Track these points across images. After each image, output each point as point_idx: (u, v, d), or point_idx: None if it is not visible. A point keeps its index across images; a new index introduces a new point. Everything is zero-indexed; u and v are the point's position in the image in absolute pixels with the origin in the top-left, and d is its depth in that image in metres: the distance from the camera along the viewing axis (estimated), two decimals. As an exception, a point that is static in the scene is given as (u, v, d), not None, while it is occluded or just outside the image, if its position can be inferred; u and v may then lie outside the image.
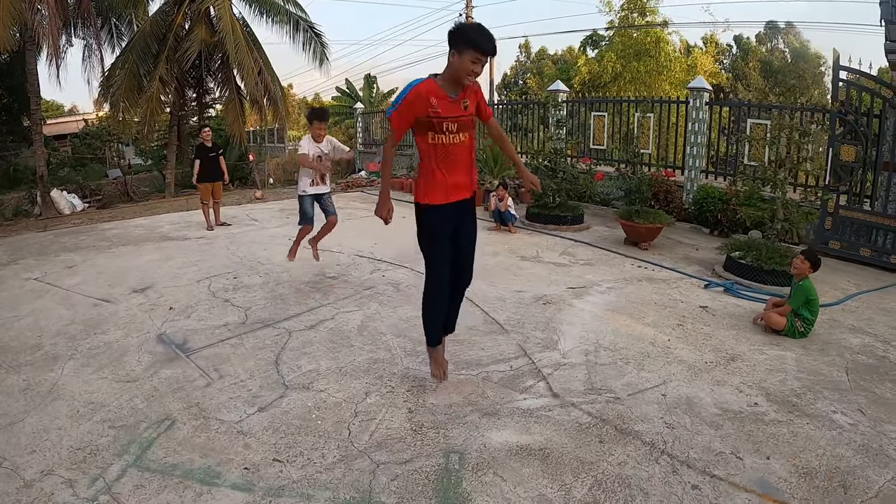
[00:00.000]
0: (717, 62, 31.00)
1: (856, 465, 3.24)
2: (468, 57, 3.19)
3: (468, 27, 3.35)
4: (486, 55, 3.23)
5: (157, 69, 16.42)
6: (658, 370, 4.38)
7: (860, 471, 3.19)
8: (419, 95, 3.29)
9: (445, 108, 3.35)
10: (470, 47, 3.18)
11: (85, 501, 2.78)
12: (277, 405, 3.67)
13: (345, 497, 2.79)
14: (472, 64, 3.21)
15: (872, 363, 4.75)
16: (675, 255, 8.19)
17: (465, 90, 3.43)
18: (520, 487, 2.91)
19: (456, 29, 3.29)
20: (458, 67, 3.24)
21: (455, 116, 3.40)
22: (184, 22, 17.32)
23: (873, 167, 8.88)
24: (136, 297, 5.89)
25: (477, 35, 3.22)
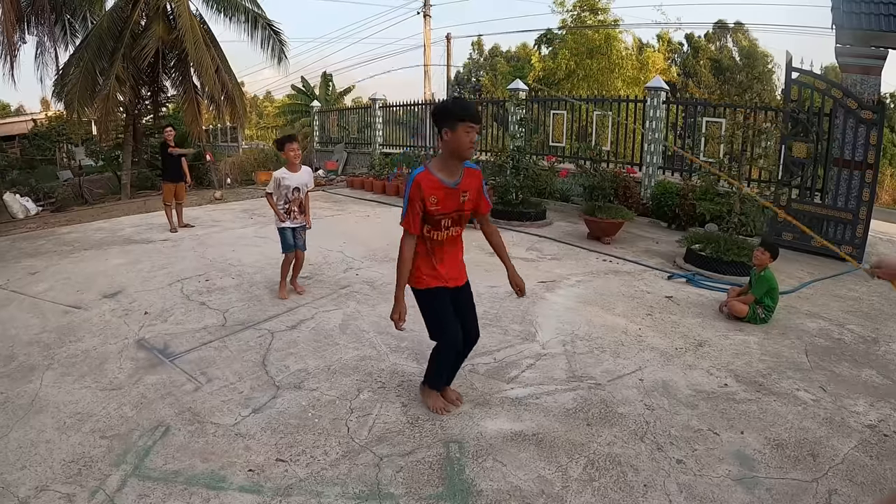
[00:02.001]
0: (668, 60, 31.74)
1: (821, 435, 3.56)
2: (462, 130, 3.19)
3: (450, 104, 3.30)
4: (477, 123, 3.25)
5: (114, 67, 15.95)
6: (633, 357, 4.63)
7: (826, 441, 3.50)
8: (419, 190, 3.24)
9: (445, 202, 3.32)
10: (460, 120, 3.18)
11: None
12: (272, 406, 3.71)
13: (354, 491, 2.87)
14: (468, 134, 3.20)
15: (829, 345, 5.12)
16: (636, 249, 8.49)
17: (465, 177, 3.39)
18: (520, 471, 3.06)
19: (439, 109, 3.29)
20: (457, 143, 3.21)
21: (453, 211, 3.37)
22: (140, 19, 16.87)
23: (824, 163, 9.35)
24: (108, 303, 5.78)
25: (462, 108, 3.23)
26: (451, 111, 3.23)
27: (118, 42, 16.30)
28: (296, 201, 5.98)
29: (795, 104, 9.43)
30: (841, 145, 9.03)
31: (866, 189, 8.90)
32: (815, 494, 2.98)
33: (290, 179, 5.90)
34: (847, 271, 8.06)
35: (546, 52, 27.33)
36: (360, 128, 19.38)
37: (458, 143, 3.21)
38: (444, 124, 3.22)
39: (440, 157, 3.37)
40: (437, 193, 3.27)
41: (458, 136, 3.20)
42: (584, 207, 9.29)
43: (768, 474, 3.14)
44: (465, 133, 3.19)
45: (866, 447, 3.45)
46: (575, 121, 13.02)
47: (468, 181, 3.41)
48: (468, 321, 3.63)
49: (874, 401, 4.07)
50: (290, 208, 5.98)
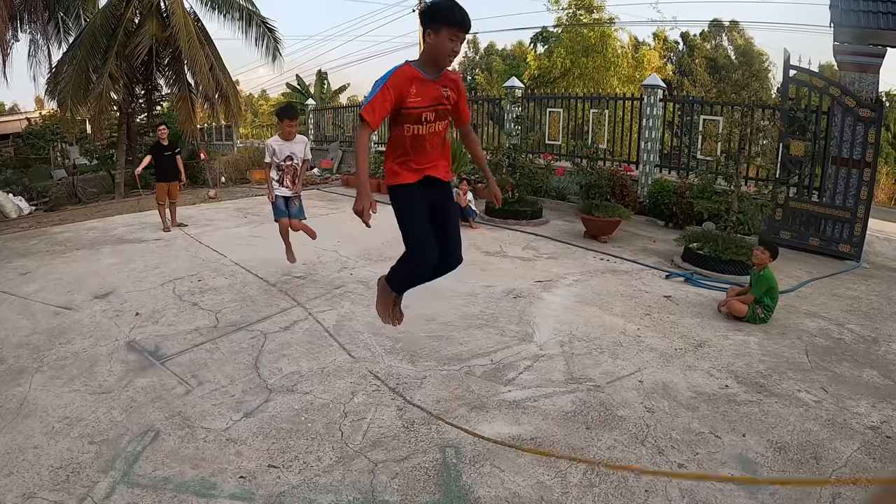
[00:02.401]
0: (664, 58, 31.71)
1: (824, 437, 3.50)
2: (445, 35, 2.97)
3: (442, 4, 3.02)
4: (463, 31, 3.01)
5: (107, 65, 15.77)
6: (632, 358, 4.56)
7: (829, 443, 3.44)
8: (400, 78, 3.01)
9: (426, 94, 3.08)
10: (446, 25, 2.96)
11: None
12: (264, 410, 3.63)
13: (348, 499, 2.79)
14: (451, 42, 2.99)
15: (829, 345, 5.06)
16: (634, 248, 8.43)
17: (444, 77, 3.18)
18: (518, 476, 2.99)
19: (429, 7, 3.08)
20: (437, 47, 3.00)
21: (434, 104, 3.13)
22: (134, 16, 16.71)
23: (822, 161, 9.31)
24: (99, 304, 5.69)
25: (452, 11, 2.98)
26: (441, 12, 2.99)
27: (112, 40, 16.13)
28: (289, 169, 6.02)
29: (793, 102, 9.39)
30: (839, 143, 9.00)
31: (864, 187, 8.87)
32: (818, 499, 2.91)
33: (282, 147, 6.00)
34: (846, 269, 8.02)
35: (542, 51, 27.25)
36: (355, 126, 19.21)
37: (439, 48, 3.01)
38: (430, 25, 3.00)
39: (420, 59, 3.16)
40: (417, 86, 3.05)
41: (440, 41, 2.98)
42: (580, 206, 9.23)
43: (771, 477, 3.07)
44: (450, 40, 2.98)
45: (869, 449, 3.39)
46: (571, 119, 12.95)
47: (447, 80, 3.19)
48: (449, 240, 3.36)
49: (876, 402, 4.01)
50: (282, 177, 6.04)
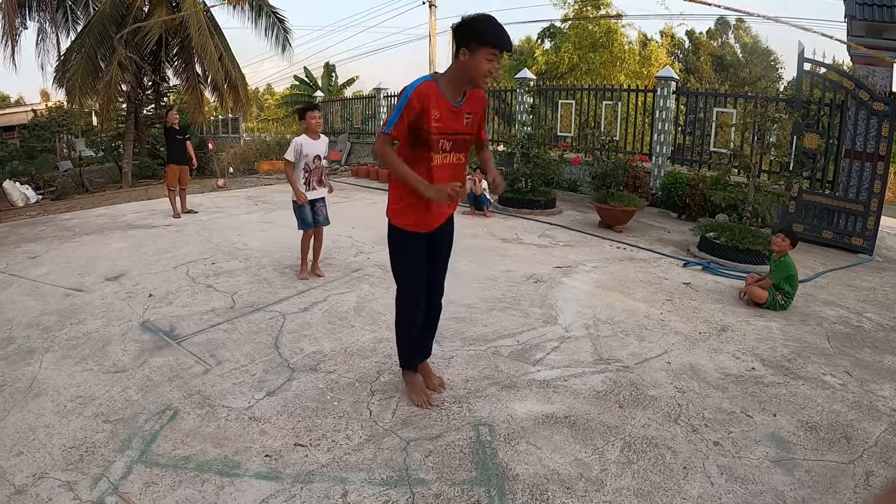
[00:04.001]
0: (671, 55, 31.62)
1: (852, 418, 3.47)
2: (483, 56, 2.78)
3: (479, 21, 2.83)
4: (503, 51, 2.84)
5: (116, 54, 15.62)
6: (657, 341, 4.50)
7: (857, 423, 3.41)
8: (422, 98, 2.84)
9: (446, 121, 2.93)
10: (484, 45, 2.77)
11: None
12: (287, 388, 3.53)
13: (381, 477, 2.70)
14: (489, 63, 2.80)
15: (849, 332, 5.04)
16: (649, 237, 8.37)
17: (469, 99, 3.01)
18: (555, 454, 2.91)
19: (465, 24, 2.84)
20: (473, 68, 2.81)
21: (453, 133, 2.99)
22: (143, 4, 16.59)
23: (835, 154, 9.24)
24: (111, 286, 5.59)
25: (491, 30, 2.79)
26: (478, 30, 2.79)
27: (120, 28, 15.99)
28: (317, 170, 5.76)
29: (807, 95, 9.31)
30: (853, 137, 8.95)
31: (878, 181, 8.80)
32: (853, 476, 2.89)
33: (310, 146, 5.67)
34: (859, 262, 7.97)
35: (549, 46, 27.11)
36: (364, 118, 19.26)
37: (475, 68, 2.81)
38: (467, 42, 2.80)
39: (448, 75, 2.95)
40: (440, 109, 2.89)
41: (476, 61, 2.79)
42: (595, 195, 9.17)
43: (805, 456, 3.04)
44: (487, 60, 2.79)
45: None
46: (582, 112, 12.87)
47: (472, 103, 3.03)
48: (435, 276, 3.31)
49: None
50: (309, 178, 5.74)
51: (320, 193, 5.83)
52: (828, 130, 9.21)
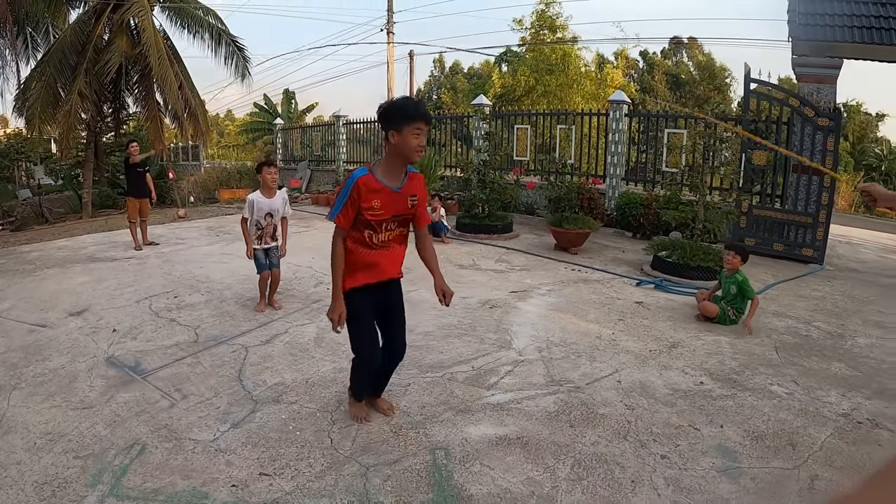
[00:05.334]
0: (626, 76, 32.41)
1: (798, 426, 3.69)
2: (410, 132, 2.99)
3: (399, 104, 3.08)
4: (426, 124, 3.04)
5: (76, 82, 15.60)
6: (609, 360, 4.69)
7: (803, 430, 3.63)
8: (360, 193, 3.06)
9: (388, 205, 3.12)
10: (409, 121, 2.98)
11: None
12: (251, 420, 3.63)
13: (343, 502, 2.82)
14: (416, 137, 3.01)
15: (798, 342, 5.31)
16: (604, 258, 8.63)
17: (409, 181, 3.21)
18: (508, 473, 3.06)
19: (387, 111, 3.07)
20: (403, 145, 3.02)
21: (397, 215, 3.19)
22: (103, 33, 16.59)
23: (783, 169, 9.67)
24: (75, 321, 5.61)
25: (411, 108, 3.03)
26: (401, 110, 3.03)
27: (81, 56, 15.99)
28: (269, 227, 5.85)
29: (754, 114, 9.74)
30: (799, 151, 9.35)
31: (825, 193, 9.22)
32: (797, 480, 3.08)
33: (263, 203, 5.77)
34: (810, 272, 8.33)
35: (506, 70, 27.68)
36: (324, 145, 19.35)
37: (405, 146, 3.02)
38: (391, 125, 3.03)
39: (383, 162, 3.16)
40: (380, 198, 3.10)
41: (405, 138, 3.00)
42: (550, 219, 9.41)
43: (751, 464, 3.23)
44: (414, 136, 3.01)
45: (842, 434, 3.59)
46: (538, 135, 13.20)
47: (413, 184, 3.24)
48: (393, 330, 3.49)
49: (845, 391, 4.24)
50: (262, 235, 5.84)
51: (272, 245, 5.94)
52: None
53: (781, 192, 9.80)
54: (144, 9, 16.04)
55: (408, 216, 3.28)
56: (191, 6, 18.14)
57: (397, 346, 3.52)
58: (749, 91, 9.85)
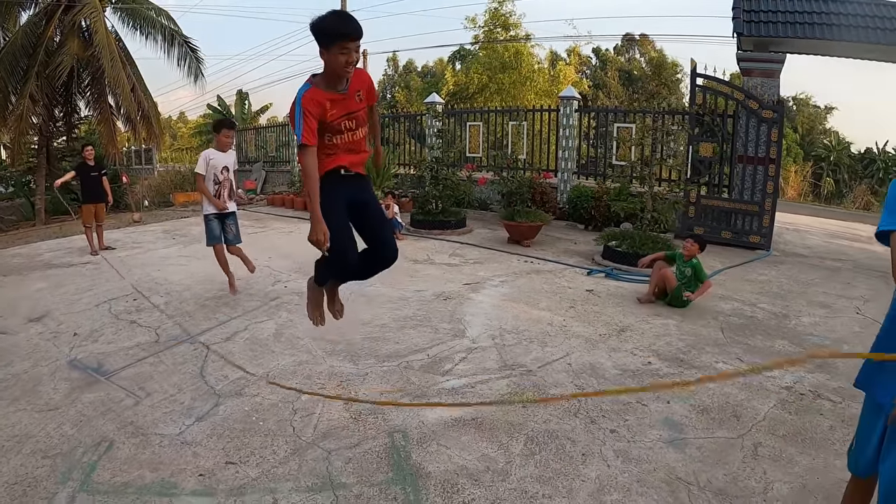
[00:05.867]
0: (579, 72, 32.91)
1: (743, 399, 3.96)
2: (336, 51, 2.92)
3: (324, 19, 2.95)
4: (353, 40, 2.93)
5: (27, 86, 15.26)
6: (560, 345, 4.93)
7: (747, 402, 3.91)
8: (311, 102, 3.01)
9: (340, 107, 3.11)
10: (336, 40, 2.91)
11: None
12: (215, 413, 3.74)
13: (307, 484, 2.97)
14: (344, 55, 2.93)
15: (743, 322, 5.63)
16: (556, 250, 8.91)
17: (354, 81, 3.15)
18: (464, 451, 3.25)
19: (313, 27, 2.96)
20: (332, 64, 2.98)
21: (351, 112, 3.17)
22: (54, 35, 16.23)
23: (729, 161, 10.10)
24: (35, 327, 5.60)
25: (337, 23, 2.94)
26: (325, 28, 2.93)
27: (32, 59, 15.63)
28: (225, 182, 5.99)
29: (701, 107, 10.14)
30: (744, 143, 9.78)
31: (770, 182, 9.67)
32: (742, 448, 3.34)
33: (218, 158, 5.98)
34: (757, 258, 8.74)
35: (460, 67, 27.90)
36: (278, 146, 19.25)
37: (334, 64, 2.97)
38: (320, 42, 2.96)
39: (322, 75, 3.11)
40: (329, 102, 3.06)
41: (333, 57, 2.94)
42: (503, 213, 9.66)
43: (697, 435, 3.48)
44: (342, 53, 2.93)
45: (785, 405, 3.88)
46: (490, 132, 13.44)
47: (357, 82, 3.18)
48: (378, 231, 3.43)
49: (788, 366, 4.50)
50: (219, 191, 5.99)
51: (231, 207, 6.06)
52: (722, 139, 10.04)
53: (728, 183, 10.22)
54: (96, 10, 15.77)
55: (360, 111, 3.24)
56: (143, 7, 17.86)
57: (388, 251, 3.42)
58: (696, 86, 10.25)
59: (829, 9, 9.77)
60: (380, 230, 3.44)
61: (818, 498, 2.87)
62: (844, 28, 9.55)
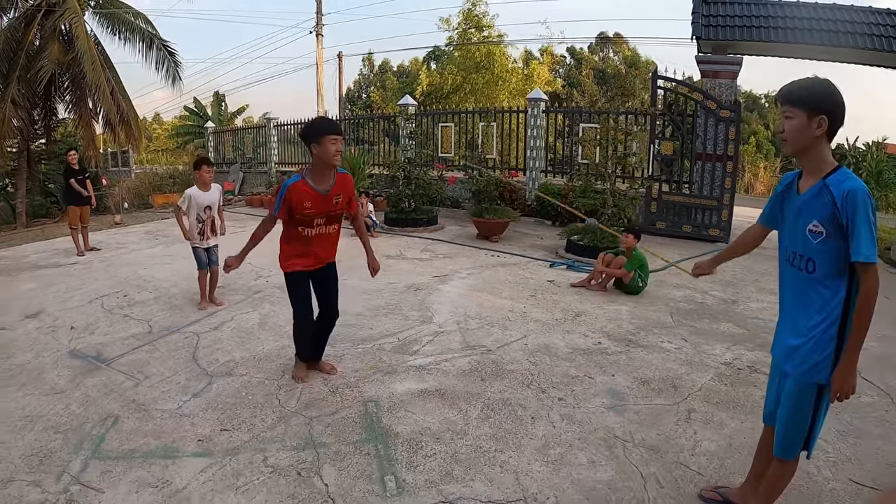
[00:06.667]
0: (552, 72, 33.48)
1: (682, 373, 4.50)
2: (327, 142, 3.73)
3: (315, 122, 4.01)
4: (339, 135, 3.79)
5: (9, 90, 15.50)
6: (518, 328, 5.46)
7: (686, 375, 4.45)
8: (293, 197, 3.81)
9: (318, 206, 3.86)
10: (324, 134, 3.73)
11: (57, 494, 3.01)
12: (208, 391, 4.19)
13: (292, 444, 3.44)
14: (333, 145, 3.75)
15: (692, 308, 6.20)
16: (523, 244, 9.49)
17: (336, 183, 3.93)
18: (428, 416, 3.76)
19: (306, 129, 3.86)
20: (324, 155, 3.75)
21: (325, 212, 3.93)
22: (34, 39, 16.44)
23: (690, 158, 10.73)
24: (32, 322, 5.93)
25: (325, 123, 3.92)
26: (317, 127, 3.84)
27: (13, 63, 15.84)
28: (209, 220, 6.28)
29: (662, 108, 10.76)
30: (703, 141, 10.41)
31: (728, 178, 10.32)
32: (676, 413, 3.86)
33: (201, 197, 6.22)
34: (714, 250, 9.29)
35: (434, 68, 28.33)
36: (255, 147, 19.56)
37: (325, 154, 3.76)
38: (314, 139, 3.76)
39: (312, 169, 3.91)
40: (310, 199, 3.83)
41: (324, 148, 3.74)
42: (472, 210, 10.20)
43: (636, 402, 4.01)
44: (331, 144, 3.74)
45: (721, 378, 4.42)
46: (462, 132, 13.95)
47: (340, 186, 3.96)
48: (328, 300, 4.26)
49: (730, 345, 5.11)
50: (203, 228, 6.26)
51: (213, 242, 6.37)
52: (682, 138, 10.66)
53: (689, 179, 10.83)
54: (77, 14, 16.00)
55: (336, 213, 4.02)
56: (122, 11, 18.08)
57: (331, 312, 4.30)
58: (657, 87, 10.87)
59: (782, 13, 10.44)
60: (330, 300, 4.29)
61: (742, 453, 3.33)
62: (798, 31, 10.20)
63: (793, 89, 2.32)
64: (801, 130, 2.29)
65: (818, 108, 2.24)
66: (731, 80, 10.75)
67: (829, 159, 2.33)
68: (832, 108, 2.24)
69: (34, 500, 2.96)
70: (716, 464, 3.29)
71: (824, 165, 2.33)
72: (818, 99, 2.25)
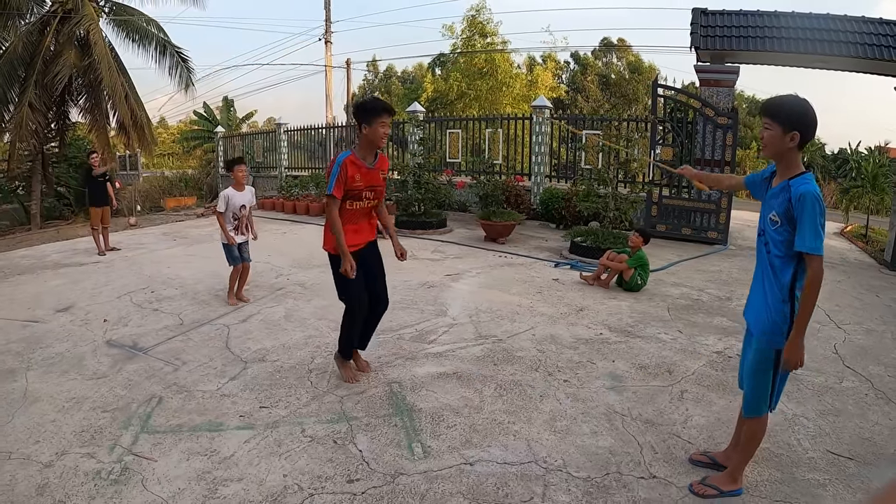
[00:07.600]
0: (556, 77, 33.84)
1: (677, 360, 4.89)
2: (378, 123, 3.89)
3: (368, 101, 4.04)
4: (390, 116, 3.96)
5: (26, 94, 15.81)
6: (527, 321, 5.85)
7: (681, 362, 4.83)
8: (347, 170, 3.92)
9: (366, 178, 4.03)
10: (377, 115, 3.89)
11: (112, 464, 3.29)
12: (244, 374, 4.56)
13: (327, 418, 3.82)
14: (384, 127, 3.93)
15: (688, 304, 6.59)
16: (528, 246, 9.87)
17: (380, 160, 4.14)
18: (447, 395, 4.15)
19: (359, 107, 4.01)
20: (373, 136, 3.93)
21: (373, 185, 4.11)
22: (51, 45, 16.73)
23: (690, 163, 11.11)
24: (64, 315, 6.24)
25: (377, 103, 3.98)
26: (370, 107, 3.96)
27: (30, 68, 16.17)
28: (244, 218, 6.62)
29: (662, 115, 11.16)
30: (702, 147, 10.81)
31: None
32: (670, 393, 4.24)
33: (237, 197, 6.55)
34: (713, 251, 9.72)
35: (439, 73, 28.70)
36: (265, 151, 19.90)
37: (374, 135, 3.94)
38: (365, 119, 3.93)
39: (360, 146, 4.07)
40: (361, 172, 4.01)
41: (374, 130, 3.92)
42: (479, 214, 10.60)
43: (634, 384, 4.40)
44: (381, 126, 3.93)
45: (713, 364, 4.81)
46: (469, 138, 14.36)
47: (382, 163, 4.19)
48: (377, 285, 4.36)
49: (722, 336, 5.49)
50: (238, 225, 6.60)
51: (246, 238, 6.71)
52: (682, 144, 11.06)
53: (688, 183, 11.22)
54: (93, 21, 16.35)
55: (380, 187, 4.22)
56: (136, 18, 18.44)
57: (380, 301, 4.44)
58: (657, 95, 11.28)
59: (778, 23, 10.83)
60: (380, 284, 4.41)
61: (729, 427, 3.65)
62: (793, 41, 10.60)
63: (773, 105, 2.74)
64: (777, 142, 2.71)
65: (793, 125, 2.67)
66: (728, 88, 11.18)
67: (797, 165, 2.77)
68: (804, 128, 2.67)
69: (90, 468, 3.23)
70: (705, 435, 3.67)
71: (792, 169, 2.76)
72: (794, 118, 2.67)
